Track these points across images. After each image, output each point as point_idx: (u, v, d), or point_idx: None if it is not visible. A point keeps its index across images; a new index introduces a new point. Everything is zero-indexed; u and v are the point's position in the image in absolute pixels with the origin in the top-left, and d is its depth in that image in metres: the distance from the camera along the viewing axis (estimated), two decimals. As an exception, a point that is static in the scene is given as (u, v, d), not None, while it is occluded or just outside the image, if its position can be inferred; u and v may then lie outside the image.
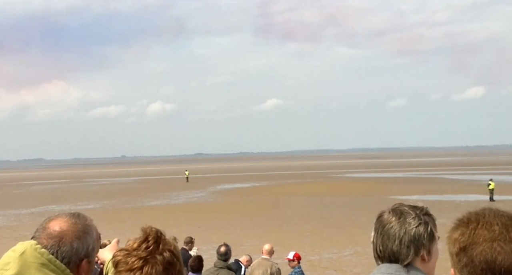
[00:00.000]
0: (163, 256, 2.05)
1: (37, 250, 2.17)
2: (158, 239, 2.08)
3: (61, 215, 2.32)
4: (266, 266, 10.24)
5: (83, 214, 2.35)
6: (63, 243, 2.22)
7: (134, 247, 2.06)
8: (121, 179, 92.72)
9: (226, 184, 66.31)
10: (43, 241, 2.22)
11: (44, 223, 2.29)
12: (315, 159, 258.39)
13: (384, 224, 2.19)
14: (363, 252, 18.56)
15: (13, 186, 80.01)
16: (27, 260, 2.14)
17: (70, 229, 2.25)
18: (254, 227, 26.93)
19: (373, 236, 2.22)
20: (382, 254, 2.18)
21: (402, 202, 2.28)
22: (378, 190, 47.76)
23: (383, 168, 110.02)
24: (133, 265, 2.03)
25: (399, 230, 2.16)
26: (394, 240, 2.15)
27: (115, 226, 25.84)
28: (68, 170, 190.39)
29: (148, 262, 2.03)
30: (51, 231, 2.24)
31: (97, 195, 54.21)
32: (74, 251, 2.23)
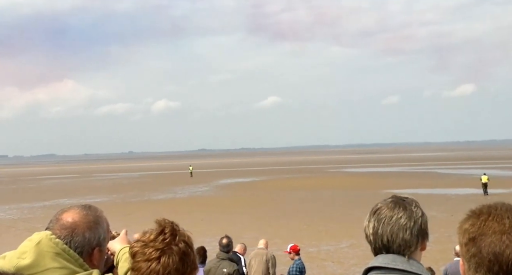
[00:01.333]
0: (179, 247, 2.08)
1: (52, 240, 2.20)
2: (174, 231, 2.11)
3: (73, 207, 2.35)
4: (262, 254, 10.53)
5: (94, 206, 2.39)
6: (75, 233, 2.26)
7: (151, 238, 2.10)
8: (129, 174, 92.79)
9: (228, 179, 66.34)
10: (57, 232, 2.25)
11: (58, 215, 2.32)
12: (312, 154, 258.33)
13: (391, 215, 2.20)
14: (358, 244, 18.58)
15: (26, 181, 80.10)
16: (43, 250, 2.17)
17: (82, 220, 2.29)
18: (254, 220, 26.96)
19: (375, 227, 2.21)
20: (390, 244, 2.18)
21: (395, 194, 2.29)
22: (373, 184, 47.76)
23: (377, 163, 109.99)
24: (151, 256, 2.06)
25: (409, 220, 2.18)
26: (405, 229, 2.17)
27: (123, 219, 25.87)
28: (79, 165, 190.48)
29: (165, 253, 2.06)
30: (64, 222, 2.28)
31: (105, 189, 54.27)
32: (87, 241, 2.27)
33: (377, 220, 2.22)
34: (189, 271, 2.09)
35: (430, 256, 16.50)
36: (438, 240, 19.83)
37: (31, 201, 42.04)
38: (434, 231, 21.23)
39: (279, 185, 51.79)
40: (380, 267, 2.17)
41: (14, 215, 32.98)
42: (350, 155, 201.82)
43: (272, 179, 62.85)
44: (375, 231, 2.21)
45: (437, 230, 21.57)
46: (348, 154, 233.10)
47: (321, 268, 16.38)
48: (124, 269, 2.51)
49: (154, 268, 2.04)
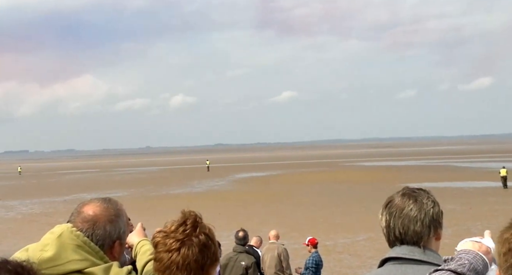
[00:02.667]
0: (199, 238, 2.08)
1: (73, 233, 2.21)
2: (195, 222, 2.11)
3: (94, 200, 2.36)
4: (273, 249, 10.49)
5: (114, 199, 2.39)
6: (97, 226, 2.26)
7: (172, 229, 2.10)
8: (147, 169, 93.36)
9: (245, 173, 66.43)
10: (78, 225, 2.26)
11: (79, 208, 2.33)
12: (328, 148, 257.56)
13: (402, 207, 2.20)
14: (376, 237, 18.49)
15: (47, 175, 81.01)
16: (64, 242, 2.19)
17: (103, 213, 2.29)
18: (271, 214, 26.97)
19: (387, 220, 2.22)
20: (403, 236, 2.19)
21: (408, 186, 2.30)
22: (389, 178, 47.47)
23: (394, 156, 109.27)
24: (171, 247, 2.07)
25: (419, 212, 2.18)
26: (416, 221, 2.17)
27: (142, 213, 26.01)
28: (98, 160, 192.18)
29: (185, 244, 2.06)
30: (86, 215, 2.28)
31: (124, 183, 54.68)
32: (107, 234, 2.27)
33: (388, 213, 2.23)
34: (209, 263, 2.09)
35: (449, 248, 16.34)
36: (457, 233, 19.68)
37: (52, 195, 42.52)
38: (453, 224, 21.09)
39: (295, 179, 51.74)
40: (396, 257, 2.18)
41: (36, 209, 33.38)
42: (365, 149, 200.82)
43: (288, 173, 62.80)
44: (388, 224, 2.22)
45: (456, 223, 21.44)
46: (364, 148, 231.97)
47: (337, 261, 16.35)
48: (142, 262, 2.53)
49: (174, 259, 2.05)
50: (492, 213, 24.74)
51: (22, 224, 26.10)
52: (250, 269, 9.17)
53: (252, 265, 9.23)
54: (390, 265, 2.18)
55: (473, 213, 24.85)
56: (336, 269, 15.29)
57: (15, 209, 33.91)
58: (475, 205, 27.35)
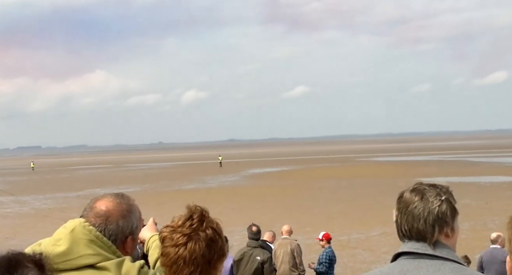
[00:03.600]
0: (206, 233, 2.09)
1: (85, 228, 2.23)
2: (202, 217, 2.12)
3: (107, 195, 2.37)
4: (286, 244, 10.52)
5: (126, 194, 2.41)
6: (109, 221, 2.28)
7: (179, 224, 2.12)
8: (159, 164, 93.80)
9: (258, 169, 66.47)
10: (91, 220, 2.28)
11: (91, 203, 2.35)
12: (342, 144, 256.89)
13: (407, 204, 2.18)
14: (390, 232, 18.42)
15: (59, 171, 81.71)
16: (77, 237, 2.21)
17: (115, 209, 2.31)
18: (284, 209, 26.98)
19: (396, 216, 2.21)
20: (408, 233, 2.17)
21: (421, 182, 2.25)
22: (403, 173, 47.24)
23: (408, 152, 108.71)
24: (178, 241, 2.08)
25: (423, 210, 2.14)
26: (419, 219, 2.14)
27: (155, 208, 26.18)
28: (110, 155, 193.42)
29: (192, 239, 2.08)
30: (98, 211, 2.30)
31: (137, 179, 55.00)
32: (120, 229, 2.29)
33: (397, 208, 2.22)
34: (216, 258, 2.11)
35: (466, 244, 16.29)
36: (474, 228, 19.60)
37: (65, 190, 42.89)
38: (469, 219, 20.97)
39: (309, 175, 51.69)
40: (409, 252, 2.16)
41: (49, 204, 33.70)
42: (379, 144, 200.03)
43: (301, 169, 62.75)
44: (396, 219, 2.22)
45: (472, 218, 21.33)
46: (378, 143, 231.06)
47: (351, 256, 16.33)
48: (154, 257, 2.55)
49: (181, 254, 2.07)
50: (508, 207, 24.52)
51: (35, 219, 26.37)
52: (266, 263, 9.21)
53: (267, 260, 9.26)
54: (403, 260, 2.17)
55: (489, 208, 24.69)
56: (350, 264, 15.28)
57: (29, 204, 34.27)
58: (491, 200, 27.16)
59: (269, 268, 9.26)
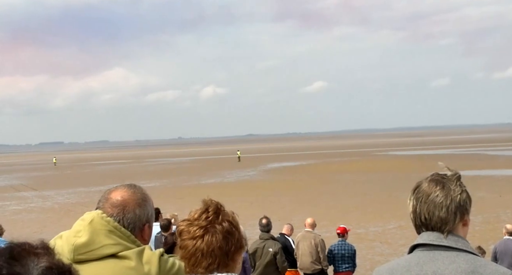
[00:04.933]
0: (222, 225, 2.11)
1: (103, 219, 2.29)
2: (217, 210, 2.15)
3: (120, 186, 2.45)
4: (310, 238, 10.55)
5: (138, 185, 2.49)
6: (127, 210, 2.34)
7: (195, 217, 2.14)
8: (178, 159, 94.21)
9: (276, 163, 66.41)
10: (108, 210, 2.34)
11: (106, 194, 2.41)
12: (359, 138, 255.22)
13: (428, 193, 2.22)
14: (407, 225, 18.36)
15: (81, 166, 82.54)
16: (96, 228, 2.26)
17: (131, 198, 2.38)
18: (302, 203, 26.98)
19: (414, 206, 2.24)
20: (428, 222, 2.21)
21: (437, 172, 2.30)
22: (421, 167, 46.81)
23: (425, 145, 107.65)
24: (195, 234, 2.10)
25: (445, 198, 2.19)
26: (441, 207, 2.19)
27: (175, 203, 26.38)
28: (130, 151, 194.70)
29: (209, 231, 2.09)
30: (114, 201, 2.36)
31: (157, 174, 55.32)
32: (137, 217, 2.36)
33: (415, 198, 2.25)
34: (233, 250, 2.12)
35: (480, 236, 16.24)
36: (487, 220, 19.50)
37: (88, 185, 43.35)
38: (483, 211, 20.89)
39: (326, 169, 51.52)
40: (425, 244, 2.20)
41: (72, 199, 34.10)
42: (397, 138, 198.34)
43: (319, 163, 62.56)
44: (414, 209, 2.24)
45: (486, 210, 21.22)
46: (396, 137, 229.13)
47: (369, 248, 16.32)
48: None
49: (199, 246, 2.08)
50: (523, 201, 24.32)
51: (60, 214, 26.72)
52: (277, 254, 9.35)
53: (279, 251, 9.38)
54: (419, 252, 2.21)
55: (503, 201, 24.47)
56: (368, 256, 15.28)
57: (52, 199, 34.71)
58: (505, 193, 26.88)
59: (281, 258, 9.40)
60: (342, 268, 10.52)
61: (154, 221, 2.56)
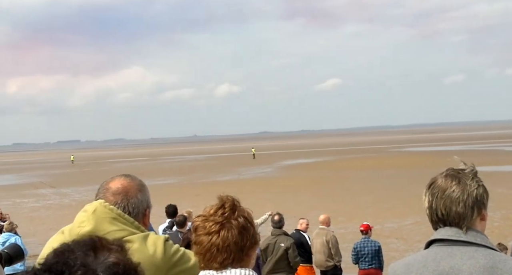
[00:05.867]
0: (238, 221, 2.13)
1: (107, 207, 2.34)
2: (233, 206, 2.16)
3: (115, 177, 2.52)
4: (322, 235, 10.66)
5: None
6: (130, 196, 2.41)
7: (211, 213, 2.15)
8: (194, 157, 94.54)
9: (291, 160, 66.35)
10: (110, 199, 2.39)
11: (105, 185, 2.49)
12: (374, 135, 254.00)
13: (444, 189, 2.18)
14: (423, 221, 18.21)
15: (98, 164, 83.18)
16: (100, 216, 2.30)
17: (131, 184, 2.45)
18: (318, 199, 26.93)
19: (430, 201, 2.21)
20: (445, 217, 2.17)
21: (452, 168, 2.26)
22: (437, 163, 46.41)
23: (441, 142, 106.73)
24: (211, 229, 2.11)
25: (462, 193, 2.16)
26: (458, 203, 2.15)
27: (192, 200, 26.48)
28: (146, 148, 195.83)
29: (224, 227, 2.11)
30: (115, 189, 2.43)
31: (173, 171, 55.57)
32: (140, 202, 2.43)
33: (431, 194, 2.21)
34: (248, 245, 2.13)
35: (499, 232, 16.08)
36: (506, 216, 19.30)
37: (105, 183, 43.64)
38: (502, 207, 20.66)
39: (341, 165, 51.35)
40: (442, 239, 2.16)
41: (89, 196, 34.36)
42: (412, 135, 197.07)
43: (334, 160, 62.36)
44: (430, 205, 2.21)
45: (505, 206, 20.98)
46: (411, 133, 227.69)
47: (385, 244, 16.17)
48: None
49: (214, 242, 2.09)
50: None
51: (76, 211, 26.29)
52: (289, 249, 9.34)
53: (291, 246, 9.38)
54: (436, 247, 2.17)
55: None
56: (383, 252, 15.20)
57: (69, 196, 35.08)
58: (525, 190, 26.58)
59: (293, 253, 9.39)
60: (366, 266, 10.43)
61: (169, 217, 2.58)
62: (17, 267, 10.35)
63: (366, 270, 10.42)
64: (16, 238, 10.49)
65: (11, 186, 46.01)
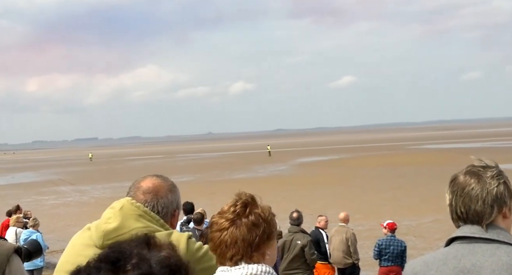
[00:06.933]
0: (248, 218, 2.14)
1: (133, 204, 2.38)
2: (246, 203, 2.18)
3: (148, 176, 2.55)
4: (342, 232, 10.60)
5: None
6: (160, 196, 2.44)
7: (225, 210, 2.19)
8: (209, 154, 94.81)
9: (306, 158, 66.20)
10: (141, 197, 2.43)
11: (136, 183, 2.52)
12: (391, 132, 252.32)
13: (463, 187, 2.15)
14: (443, 219, 18.05)
15: (115, 162, 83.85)
16: (127, 213, 2.34)
17: (162, 185, 2.49)
18: (335, 196, 26.85)
19: (450, 199, 2.18)
20: (464, 215, 2.14)
21: (473, 164, 2.21)
22: (455, 160, 45.94)
23: (459, 139, 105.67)
24: (222, 226, 2.15)
25: (481, 191, 2.12)
26: (477, 201, 2.11)
27: (208, 197, 26.56)
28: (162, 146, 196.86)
29: (234, 224, 2.13)
30: (146, 188, 2.46)
31: (189, 169, 55.78)
32: (170, 202, 2.46)
33: (451, 191, 2.19)
34: (258, 242, 2.14)
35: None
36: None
37: (122, 180, 43.95)
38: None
39: (358, 163, 51.10)
40: (464, 236, 2.13)
41: (107, 193, 34.66)
42: (430, 132, 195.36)
43: (351, 157, 62.08)
44: (450, 203, 2.18)
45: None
46: (428, 130, 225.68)
47: (402, 243, 16.13)
48: None
49: (223, 238, 2.13)
50: None
51: (95, 208, 27.19)
52: (306, 247, 9.33)
53: (308, 244, 9.36)
54: (457, 244, 2.14)
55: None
56: (401, 251, 15.11)
57: (88, 194, 35.41)
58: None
59: (309, 251, 9.36)
60: (389, 263, 10.33)
61: (186, 215, 2.63)
62: (37, 262, 10.50)
63: (389, 267, 10.32)
64: (37, 234, 10.65)
65: (32, 183, 46.60)
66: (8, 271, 2.63)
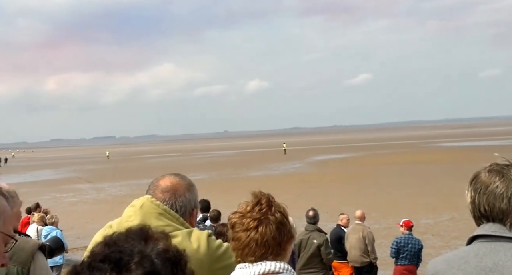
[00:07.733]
0: (275, 216, 2.17)
1: (153, 202, 2.41)
2: (269, 202, 2.20)
3: (166, 175, 2.58)
4: (359, 230, 10.56)
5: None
6: (178, 194, 2.46)
7: (248, 209, 2.19)
8: (225, 152, 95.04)
9: (322, 156, 66.04)
10: (159, 196, 2.45)
11: (155, 182, 2.55)
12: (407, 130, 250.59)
13: (487, 184, 2.13)
14: (460, 217, 17.90)
15: (132, 160, 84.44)
16: (147, 211, 2.38)
17: (180, 183, 2.51)
18: (350, 195, 26.73)
19: (472, 197, 2.16)
20: (488, 213, 2.12)
21: (496, 162, 2.19)
22: (472, 158, 45.50)
23: (476, 137, 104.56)
24: (249, 226, 2.16)
25: (506, 189, 2.10)
26: (502, 199, 2.09)
27: (223, 195, 26.59)
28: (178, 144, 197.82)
29: (262, 222, 2.15)
30: (164, 187, 2.49)
31: (204, 167, 55.98)
32: (188, 201, 2.48)
33: (473, 189, 2.16)
34: (285, 240, 2.18)
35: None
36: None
37: (139, 178, 44.26)
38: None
39: (374, 161, 50.84)
40: (486, 235, 2.11)
41: (124, 191, 34.94)
42: (447, 130, 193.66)
43: (366, 155, 61.79)
44: (473, 200, 2.16)
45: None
46: (445, 128, 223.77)
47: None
48: None
49: (253, 237, 2.13)
50: None
51: (112, 205, 27.42)
52: (322, 246, 9.29)
53: (323, 243, 9.32)
54: (479, 243, 2.12)
55: None
56: (418, 250, 15.00)
57: (105, 191, 35.71)
58: None
59: (325, 250, 9.32)
60: (406, 262, 10.25)
61: (202, 212, 2.63)
62: (57, 259, 10.59)
63: (406, 266, 10.24)
64: (57, 231, 10.75)
65: (51, 181, 47.15)
66: (33, 268, 2.66)
